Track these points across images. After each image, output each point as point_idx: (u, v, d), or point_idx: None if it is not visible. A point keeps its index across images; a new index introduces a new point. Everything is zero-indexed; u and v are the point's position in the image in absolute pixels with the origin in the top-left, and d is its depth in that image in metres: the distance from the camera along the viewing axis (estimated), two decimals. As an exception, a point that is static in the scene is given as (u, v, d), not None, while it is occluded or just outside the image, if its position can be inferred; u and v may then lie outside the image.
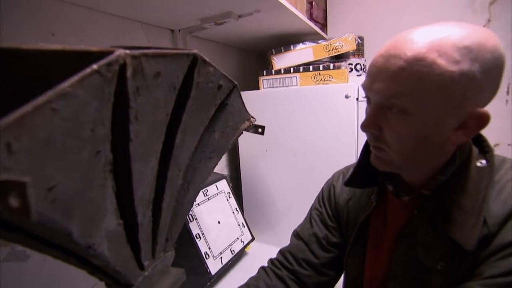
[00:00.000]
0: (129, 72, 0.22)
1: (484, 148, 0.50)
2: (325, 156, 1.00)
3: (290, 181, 1.11)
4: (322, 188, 0.72)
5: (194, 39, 1.10)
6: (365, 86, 0.47)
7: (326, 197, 0.69)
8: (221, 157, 0.43)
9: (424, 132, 0.43)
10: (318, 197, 0.72)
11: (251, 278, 0.67)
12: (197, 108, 0.35)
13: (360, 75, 1.18)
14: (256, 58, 1.51)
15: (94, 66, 0.19)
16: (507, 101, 1.31)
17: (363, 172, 0.57)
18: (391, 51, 0.42)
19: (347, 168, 0.72)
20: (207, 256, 0.84)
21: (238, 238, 0.99)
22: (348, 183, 0.59)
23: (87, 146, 0.21)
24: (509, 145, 1.34)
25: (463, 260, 0.44)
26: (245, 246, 1.01)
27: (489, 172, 0.46)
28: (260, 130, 0.52)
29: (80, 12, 0.75)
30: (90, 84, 0.19)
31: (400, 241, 0.51)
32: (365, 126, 0.47)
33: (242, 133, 0.46)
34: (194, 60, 0.31)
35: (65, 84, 0.18)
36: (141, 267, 0.37)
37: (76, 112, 0.19)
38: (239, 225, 1.02)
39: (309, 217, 0.70)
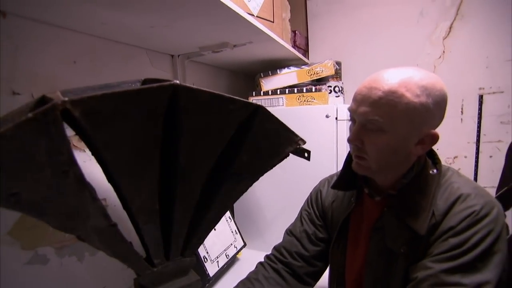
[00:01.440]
0: (76, 113, 0.29)
1: (435, 160, 0.66)
2: (308, 168, 1.13)
3: (277, 192, 1.23)
4: (311, 193, 0.86)
5: (191, 63, 1.22)
6: (352, 110, 0.61)
7: (314, 200, 0.82)
8: (257, 178, 0.48)
9: (395, 146, 0.57)
10: (307, 200, 0.85)
11: (251, 273, 0.78)
12: (204, 132, 0.41)
13: (338, 96, 1.33)
14: (245, 79, 1.64)
15: (29, 115, 0.27)
16: (461, 119, 1.52)
17: (345, 179, 0.71)
18: (372, 84, 0.57)
19: (331, 176, 0.85)
20: (205, 260, 0.94)
21: (231, 244, 1.09)
22: (334, 186, 0.73)
23: (48, 167, 0.29)
24: (465, 157, 1.54)
25: (419, 244, 0.58)
26: (238, 251, 1.11)
27: (438, 178, 0.62)
28: (306, 155, 0.52)
29: (96, 42, 0.85)
30: (29, 127, 0.27)
31: (373, 233, 0.65)
32: (351, 140, 0.61)
33: (288, 155, 0.50)
34: (175, 90, 0.36)
35: (2, 129, 0.26)
36: (151, 263, 0.45)
37: (23, 146, 0.27)
38: (232, 232, 1.12)
39: (300, 217, 0.83)
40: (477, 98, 1.47)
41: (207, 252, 0.96)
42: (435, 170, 0.63)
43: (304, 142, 0.52)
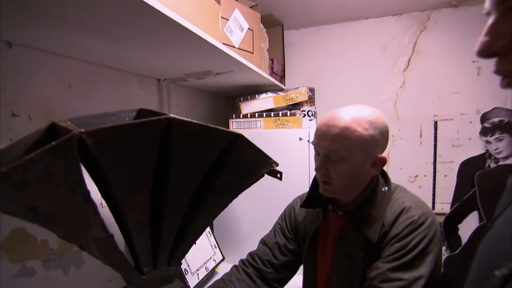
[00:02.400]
0: (89, 141, 0.36)
1: (386, 179, 0.79)
2: (283, 187, 1.22)
3: (254, 209, 1.31)
4: (285, 209, 0.96)
5: (176, 86, 1.31)
6: (315, 144, 0.74)
7: (288, 215, 0.93)
8: (236, 196, 0.56)
9: (353, 171, 0.70)
10: (281, 215, 0.96)
11: (225, 274, 0.87)
12: (192, 156, 0.49)
13: (312, 120, 1.46)
14: (226, 102, 1.75)
15: (53, 143, 0.33)
16: (421, 142, 1.69)
17: (312, 198, 0.83)
18: (330, 123, 0.70)
19: (303, 194, 0.95)
20: (186, 272, 1.00)
21: (211, 258, 1.15)
22: (302, 205, 0.84)
23: (62, 185, 0.35)
24: (425, 176, 1.71)
25: (373, 250, 0.70)
26: (217, 265, 1.17)
27: (388, 194, 0.75)
28: (278, 175, 0.59)
29: (89, 67, 0.93)
30: (52, 152, 0.33)
31: (338, 242, 0.76)
32: (318, 169, 0.73)
33: (263, 175, 0.57)
34: (169, 121, 0.43)
35: (31, 155, 0.32)
36: (141, 271, 0.51)
37: (45, 167, 0.33)
38: (211, 246, 1.19)
39: (274, 230, 0.93)
40: (433, 124, 1.66)
41: (188, 265, 1.02)
42: (386, 188, 0.76)
43: (277, 165, 0.61)
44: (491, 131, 1.55)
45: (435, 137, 1.67)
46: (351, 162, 0.69)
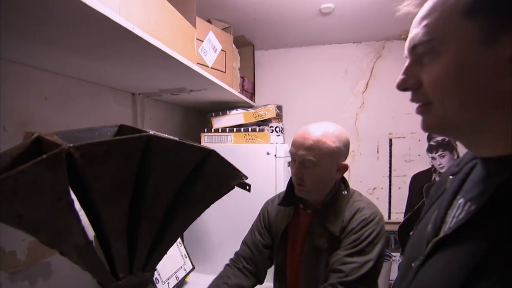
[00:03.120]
0: (77, 155, 0.39)
1: (346, 185, 0.96)
2: (251, 199, 1.29)
3: (224, 219, 1.37)
4: (260, 210, 1.09)
5: (150, 100, 1.35)
6: (292, 153, 0.90)
7: (262, 216, 1.06)
8: (208, 206, 0.61)
9: (323, 175, 0.87)
10: (258, 216, 1.09)
11: (221, 272, 1.01)
12: (169, 169, 0.54)
13: (279, 135, 1.56)
14: (198, 116, 1.81)
15: (44, 156, 0.36)
16: (378, 157, 1.85)
17: (287, 198, 0.97)
18: (305, 136, 0.87)
19: (273, 197, 1.10)
20: (157, 281, 1.02)
21: (181, 267, 1.18)
22: (280, 204, 0.99)
23: (48, 195, 0.38)
24: (381, 188, 1.87)
25: (335, 241, 0.86)
26: (187, 274, 1.20)
27: (347, 197, 0.92)
28: (247, 187, 0.64)
29: (65, 80, 0.95)
30: (42, 164, 0.36)
31: (307, 237, 0.91)
32: (295, 174, 0.89)
33: (233, 187, 0.63)
34: (149, 138, 0.46)
35: (23, 166, 0.35)
36: (117, 277, 0.53)
37: (35, 178, 0.36)
38: (182, 256, 1.22)
39: (251, 230, 1.07)
40: (388, 141, 1.83)
41: (159, 274, 1.05)
42: (345, 192, 0.93)
43: (246, 178, 0.67)
44: (435, 148, 1.75)
45: (390, 153, 1.84)
46: (321, 167, 0.86)
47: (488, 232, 0.33)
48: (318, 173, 0.86)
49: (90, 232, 0.54)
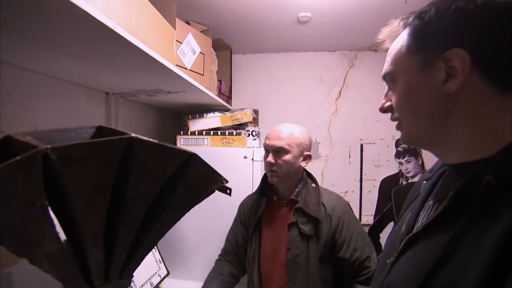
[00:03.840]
0: (54, 157, 0.38)
1: (313, 179, 1.13)
2: (227, 202, 1.29)
3: (199, 223, 1.35)
4: (238, 208, 1.22)
5: (125, 100, 1.31)
6: (266, 144, 1.08)
7: (238, 212, 1.20)
8: (188, 210, 0.60)
9: (292, 160, 1.05)
10: (236, 214, 1.21)
11: (214, 267, 1.15)
12: (149, 173, 0.52)
13: (255, 139, 1.57)
14: (173, 118, 1.78)
15: (18, 158, 0.35)
16: (350, 162, 1.92)
17: (262, 188, 1.13)
18: (278, 130, 1.08)
19: (250, 194, 1.22)
20: (129, 288, 0.99)
21: (156, 273, 1.15)
22: (255, 193, 1.15)
23: (20, 199, 0.36)
24: (353, 191, 1.93)
25: (317, 225, 1.02)
26: (162, 280, 1.17)
27: (317, 188, 1.10)
28: (228, 191, 0.65)
29: (32, 76, 0.90)
30: (15, 167, 0.35)
31: (290, 226, 1.04)
32: (269, 160, 1.05)
33: (214, 191, 0.63)
34: (131, 141, 0.45)
35: None
36: (92, 285, 0.51)
37: (6, 181, 0.35)
38: (156, 261, 1.18)
39: (231, 227, 1.21)
40: (359, 146, 1.91)
41: (133, 281, 1.01)
42: (314, 185, 1.11)
43: (227, 181, 0.67)
44: (402, 154, 1.85)
45: (361, 158, 1.92)
46: (291, 154, 1.04)
47: (451, 227, 0.38)
48: (288, 158, 1.04)
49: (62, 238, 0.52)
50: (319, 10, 1.39)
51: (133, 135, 0.50)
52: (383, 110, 0.52)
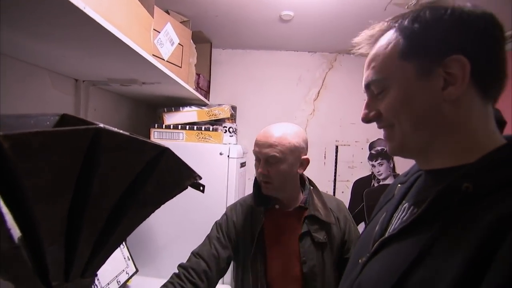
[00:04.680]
0: (6, 145, 0.34)
1: (311, 182, 1.03)
2: (200, 199, 1.26)
3: (170, 220, 1.31)
4: (218, 221, 1.01)
5: (96, 89, 1.24)
6: (256, 152, 0.93)
7: (225, 225, 0.98)
8: (158, 206, 0.57)
9: (288, 169, 0.90)
10: (216, 227, 1.00)
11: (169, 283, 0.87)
12: (117, 167, 0.49)
13: (232, 136, 1.55)
14: (148, 110, 1.71)
15: None
16: (324, 163, 1.95)
17: (259, 197, 0.96)
18: (267, 134, 0.92)
19: (234, 204, 1.05)
20: (96, 287, 0.94)
21: (123, 270, 1.10)
22: (254, 203, 0.96)
23: None
24: (327, 191, 1.94)
25: (330, 231, 0.94)
26: (130, 277, 1.12)
27: (317, 190, 1.00)
28: (201, 188, 0.63)
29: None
30: None
31: (302, 237, 0.92)
32: (262, 171, 0.91)
33: (187, 187, 0.60)
34: (98, 131, 0.42)
35: None
36: (49, 286, 0.47)
37: None
38: (124, 258, 1.13)
39: (209, 242, 0.96)
40: (335, 148, 1.94)
41: (98, 279, 0.96)
42: (311, 187, 1.00)
43: (200, 178, 0.65)
44: (375, 157, 1.91)
45: (336, 159, 1.95)
46: (285, 163, 0.90)
47: (427, 231, 0.38)
48: (283, 168, 0.89)
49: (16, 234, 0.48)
50: (301, 10, 1.39)
51: (101, 125, 0.47)
52: (367, 120, 0.49)
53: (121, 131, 0.50)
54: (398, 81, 0.44)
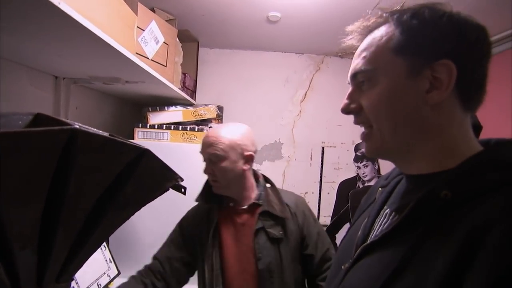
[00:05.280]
0: None
1: (266, 178, 1.04)
2: (184, 200, 1.23)
3: (154, 221, 1.29)
4: (179, 222, 1.06)
5: (77, 87, 1.20)
6: (201, 152, 0.95)
7: (179, 226, 1.03)
8: (138, 209, 0.57)
9: (231, 167, 0.91)
10: (175, 227, 1.05)
11: (122, 284, 0.92)
12: (95, 169, 0.48)
13: (218, 136, 1.54)
14: (132, 109, 1.68)
15: None
16: (310, 164, 1.96)
17: (207, 194, 0.98)
18: (209, 135, 0.93)
19: (194, 206, 1.08)
20: (71, 290, 0.91)
21: (105, 273, 1.07)
22: (198, 199, 0.99)
23: None
24: (312, 192, 1.97)
25: (286, 226, 0.94)
26: (111, 280, 1.10)
27: (274, 187, 1.01)
28: (183, 190, 0.63)
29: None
30: None
31: (257, 233, 0.93)
32: (206, 172, 0.94)
33: (168, 189, 0.60)
34: (74, 132, 0.41)
35: None
36: None
37: None
38: (106, 260, 1.11)
39: (166, 244, 1.03)
40: (321, 149, 1.95)
41: (77, 282, 0.93)
42: (269, 184, 1.03)
43: (182, 180, 0.64)
44: (360, 159, 1.93)
45: (322, 161, 1.96)
46: (227, 160, 0.91)
47: (408, 238, 0.38)
48: (226, 165, 0.90)
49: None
50: (288, 11, 1.39)
51: (77, 126, 0.45)
52: (347, 111, 0.48)
53: (99, 132, 0.49)
54: (387, 76, 0.43)
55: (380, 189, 0.54)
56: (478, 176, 0.37)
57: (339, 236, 1.92)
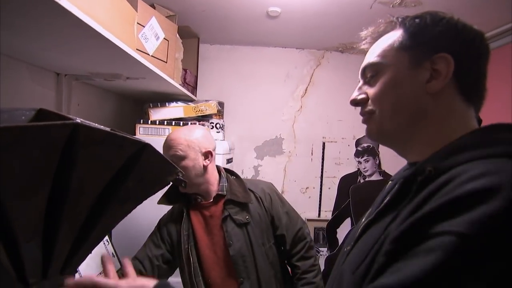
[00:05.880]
0: None
1: (230, 172, 1.10)
2: (188, 194, 1.26)
3: (157, 215, 1.30)
4: (157, 225, 1.11)
5: (79, 83, 1.21)
6: (164, 155, 0.96)
7: (157, 228, 1.10)
8: (139, 202, 0.58)
9: (193, 165, 0.97)
10: (155, 230, 1.10)
11: None
12: (97, 163, 0.49)
13: (219, 132, 1.55)
14: (133, 105, 1.69)
15: None
16: (312, 159, 1.97)
17: (173, 195, 1.04)
18: (168, 138, 1.00)
19: (169, 210, 1.14)
20: (75, 283, 0.92)
21: (106, 267, 1.09)
22: (161, 202, 1.03)
23: None
24: (313, 187, 1.98)
25: (251, 210, 1.01)
26: (112, 274, 1.11)
27: (239, 178, 1.08)
28: (183, 184, 0.64)
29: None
30: None
31: (223, 222, 0.99)
32: None
33: (168, 183, 0.61)
34: (76, 127, 0.41)
35: None
36: (26, 283, 0.47)
37: None
38: (109, 254, 1.12)
39: (145, 243, 1.08)
40: (322, 144, 1.96)
41: (81, 275, 0.95)
42: (234, 176, 1.09)
43: (182, 174, 0.66)
44: (361, 153, 1.93)
45: (323, 156, 1.97)
46: (188, 159, 0.96)
47: (394, 211, 0.43)
48: (188, 164, 0.96)
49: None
50: (288, 6, 1.38)
51: (79, 120, 0.46)
52: (355, 102, 0.52)
53: (100, 127, 0.49)
54: (392, 67, 0.48)
55: (390, 182, 0.56)
56: (460, 153, 0.40)
57: (340, 230, 1.93)
